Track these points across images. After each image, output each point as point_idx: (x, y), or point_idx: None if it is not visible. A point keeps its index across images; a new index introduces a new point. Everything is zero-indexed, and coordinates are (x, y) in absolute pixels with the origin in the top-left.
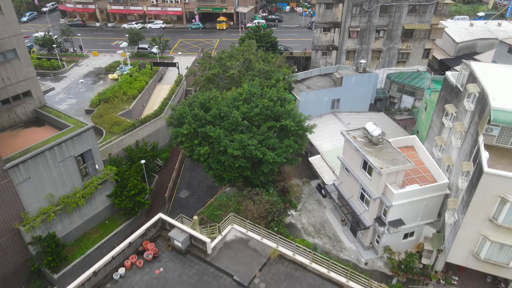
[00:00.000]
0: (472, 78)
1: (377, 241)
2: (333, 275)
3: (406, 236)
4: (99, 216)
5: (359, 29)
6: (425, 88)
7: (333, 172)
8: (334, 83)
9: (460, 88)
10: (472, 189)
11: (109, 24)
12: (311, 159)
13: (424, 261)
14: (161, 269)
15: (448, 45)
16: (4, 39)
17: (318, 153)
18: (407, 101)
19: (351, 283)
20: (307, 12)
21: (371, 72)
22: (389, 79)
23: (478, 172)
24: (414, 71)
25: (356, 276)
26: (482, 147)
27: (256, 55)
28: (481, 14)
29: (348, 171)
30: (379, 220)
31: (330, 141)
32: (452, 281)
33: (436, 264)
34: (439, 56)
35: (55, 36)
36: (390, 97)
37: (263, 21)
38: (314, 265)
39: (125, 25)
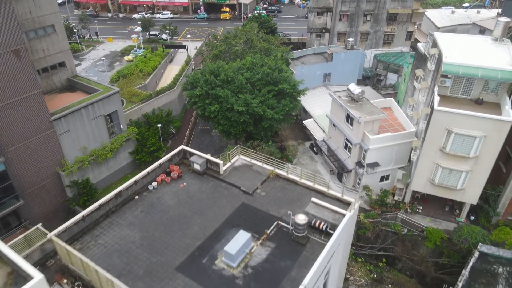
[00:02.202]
0: (435, 44)
1: (358, 184)
2: (317, 186)
3: (382, 179)
4: (122, 170)
5: (348, 13)
6: (405, 63)
7: (323, 131)
8: (326, 60)
9: (427, 54)
10: (427, 126)
11: (120, 15)
12: (305, 121)
13: (396, 198)
14: (185, 183)
15: (431, 30)
16: (45, 15)
17: (311, 118)
18: (392, 78)
19: (330, 191)
20: (305, 4)
21: (358, 50)
22: (376, 59)
23: (431, 111)
24: (398, 51)
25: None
26: (436, 93)
27: (257, 35)
28: (466, 5)
29: (335, 126)
30: (359, 164)
31: (321, 108)
32: (417, 210)
33: (404, 197)
34: (423, 40)
35: (73, 24)
36: (377, 75)
37: (264, 11)
38: (303, 181)
39: (135, 15)
